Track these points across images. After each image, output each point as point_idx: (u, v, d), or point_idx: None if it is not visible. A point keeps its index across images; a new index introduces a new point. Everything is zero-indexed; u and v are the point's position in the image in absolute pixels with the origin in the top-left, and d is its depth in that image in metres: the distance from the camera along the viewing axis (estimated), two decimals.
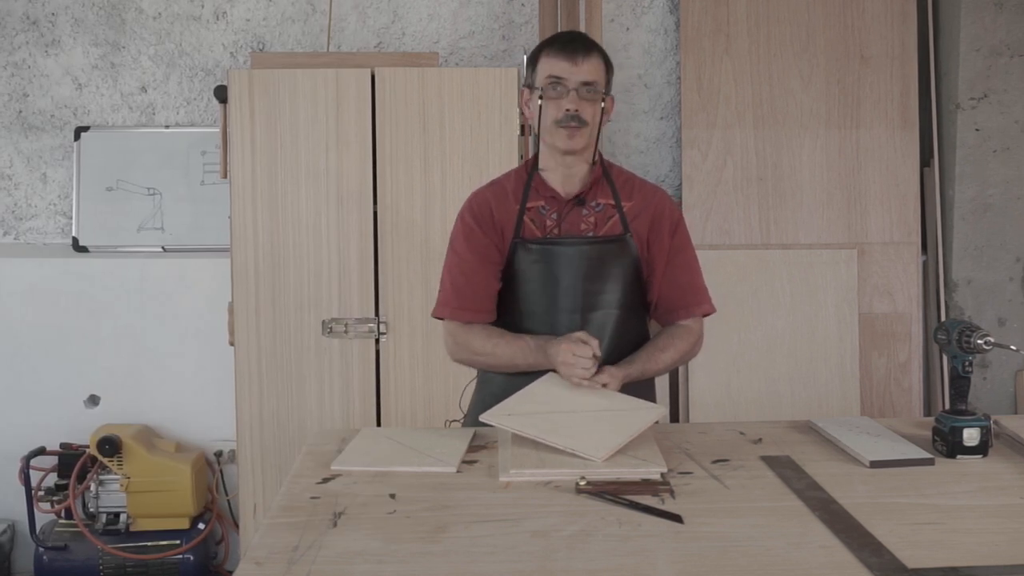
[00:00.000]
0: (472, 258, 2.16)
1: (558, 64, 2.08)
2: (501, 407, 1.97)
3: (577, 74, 2.07)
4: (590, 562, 1.39)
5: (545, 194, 2.17)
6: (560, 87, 2.07)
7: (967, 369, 1.91)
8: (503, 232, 2.17)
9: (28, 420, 3.68)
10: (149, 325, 3.72)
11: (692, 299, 2.22)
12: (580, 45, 2.10)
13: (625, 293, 2.17)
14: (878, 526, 1.50)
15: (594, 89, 2.09)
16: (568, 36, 2.16)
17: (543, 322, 2.16)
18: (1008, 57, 3.63)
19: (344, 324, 3.24)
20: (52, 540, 3.46)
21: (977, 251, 3.68)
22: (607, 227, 2.16)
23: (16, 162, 3.78)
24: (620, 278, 2.16)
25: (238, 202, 3.22)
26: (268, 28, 3.77)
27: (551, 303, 2.15)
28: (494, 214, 2.17)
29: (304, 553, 1.43)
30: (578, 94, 2.07)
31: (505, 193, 2.20)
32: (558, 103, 2.08)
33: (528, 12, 3.79)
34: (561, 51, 2.09)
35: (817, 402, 3.55)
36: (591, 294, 2.15)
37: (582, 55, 2.07)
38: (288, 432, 3.24)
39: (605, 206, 2.17)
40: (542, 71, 2.11)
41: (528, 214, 2.16)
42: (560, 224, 2.16)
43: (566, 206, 2.16)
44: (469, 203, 2.22)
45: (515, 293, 2.19)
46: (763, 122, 3.66)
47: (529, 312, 2.17)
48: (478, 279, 2.17)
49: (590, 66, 2.08)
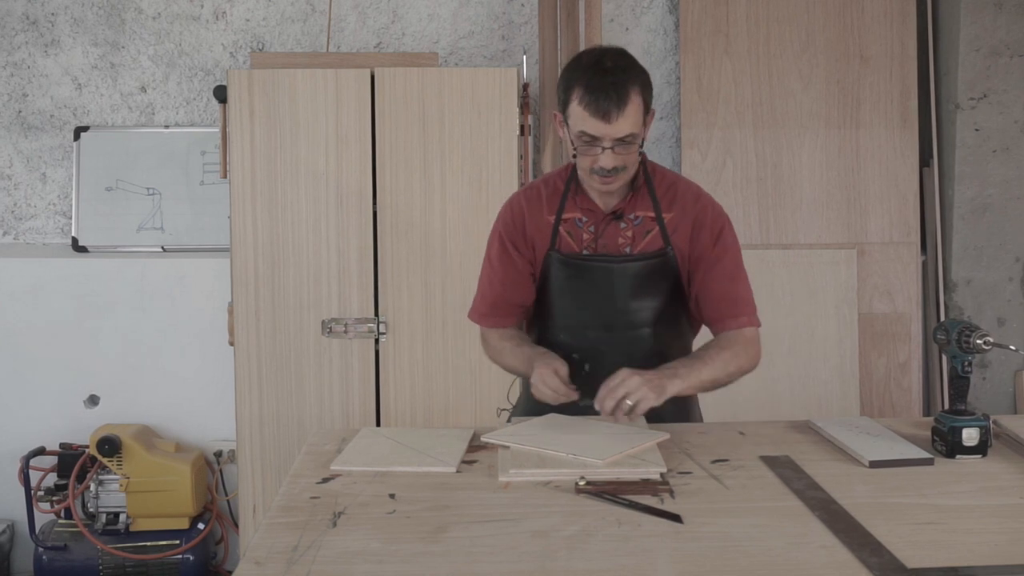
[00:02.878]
0: (501, 270, 2.16)
1: (591, 122, 1.92)
2: (504, 430, 1.99)
3: (612, 132, 1.92)
4: (590, 562, 1.39)
5: (583, 205, 2.10)
6: (594, 145, 1.95)
7: (966, 369, 1.91)
8: (535, 245, 2.13)
9: (28, 420, 3.68)
10: (149, 325, 3.72)
11: (733, 309, 2.09)
12: (614, 99, 1.89)
13: (663, 310, 2.11)
14: (878, 526, 1.50)
15: (630, 141, 1.95)
16: (599, 83, 1.91)
17: (575, 335, 2.13)
18: (1008, 57, 3.63)
19: (344, 324, 3.24)
20: (52, 540, 3.46)
21: (976, 251, 3.68)
22: (646, 241, 2.09)
23: (16, 162, 3.78)
24: (659, 294, 2.09)
25: (238, 202, 3.22)
26: (268, 28, 3.77)
27: (584, 319, 2.12)
28: (526, 226, 2.13)
29: (304, 553, 1.42)
30: (612, 150, 1.94)
31: (540, 202, 2.13)
32: (593, 158, 1.96)
33: (528, 12, 3.79)
34: (594, 107, 1.90)
35: (817, 402, 3.55)
36: (626, 312, 2.09)
37: (615, 112, 1.89)
38: (288, 432, 3.25)
39: (644, 219, 2.08)
40: (574, 121, 1.95)
41: (564, 226, 2.11)
42: (597, 240, 2.09)
43: (603, 220, 2.09)
44: (505, 210, 2.18)
45: (548, 305, 2.16)
46: (763, 122, 3.67)
47: (563, 325, 2.15)
48: (505, 291, 2.17)
49: (625, 121, 1.91)
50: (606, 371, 1.96)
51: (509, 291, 2.17)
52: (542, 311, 2.18)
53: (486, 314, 2.21)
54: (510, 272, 2.15)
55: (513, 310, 2.19)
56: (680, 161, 3.71)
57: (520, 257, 2.14)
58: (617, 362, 1.97)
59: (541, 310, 2.19)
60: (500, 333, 2.19)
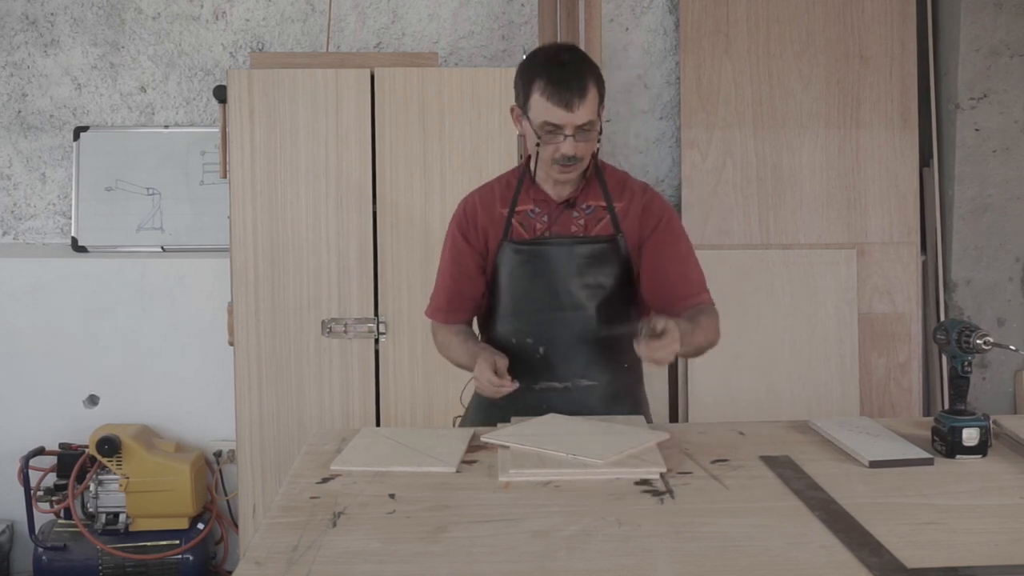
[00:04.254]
0: (453, 265, 2.25)
1: (554, 111, 2.01)
2: (504, 430, 2.00)
3: (574, 119, 2.01)
4: (590, 562, 1.39)
5: (536, 197, 2.18)
6: (556, 134, 2.03)
7: (966, 369, 1.91)
8: (487, 238, 2.20)
9: (27, 420, 3.68)
10: (148, 325, 3.72)
11: (687, 289, 2.16)
12: (575, 88, 2.00)
13: (613, 293, 2.17)
14: (878, 526, 1.50)
15: (590, 128, 2.04)
16: (559, 75, 2.02)
17: (527, 320, 2.18)
18: (1008, 57, 3.63)
19: (344, 324, 3.24)
20: (51, 540, 3.46)
21: (976, 251, 3.68)
22: (598, 228, 2.16)
23: (15, 162, 3.78)
24: (608, 277, 2.16)
25: (237, 202, 3.22)
26: (267, 28, 3.77)
27: (535, 302, 2.17)
28: (479, 220, 2.21)
29: (304, 553, 1.42)
30: (574, 138, 2.02)
31: (493, 197, 2.22)
32: (555, 146, 2.04)
33: (528, 12, 3.79)
34: (556, 96, 2.00)
35: (817, 402, 3.55)
36: (578, 293, 2.15)
37: (577, 99, 1.99)
38: (288, 432, 3.25)
39: (596, 208, 2.17)
40: (536, 113, 2.04)
41: (517, 217, 2.18)
42: (550, 227, 2.16)
43: (556, 209, 2.17)
44: (459, 208, 2.26)
45: (500, 293, 2.21)
46: (763, 122, 3.67)
47: (516, 310, 2.20)
48: (457, 285, 2.25)
49: (585, 108, 2.01)
50: (559, 353, 2.14)
51: (461, 284, 2.24)
52: (494, 302, 2.24)
53: (442, 308, 2.28)
54: (461, 266, 2.23)
55: (466, 304, 2.26)
56: (680, 161, 3.71)
57: (471, 250, 2.21)
58: (569, 343, 2.14)
59: (494, 301, 2.24)
60: (448, 328, 2.27)
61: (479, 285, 2.24)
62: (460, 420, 2.37)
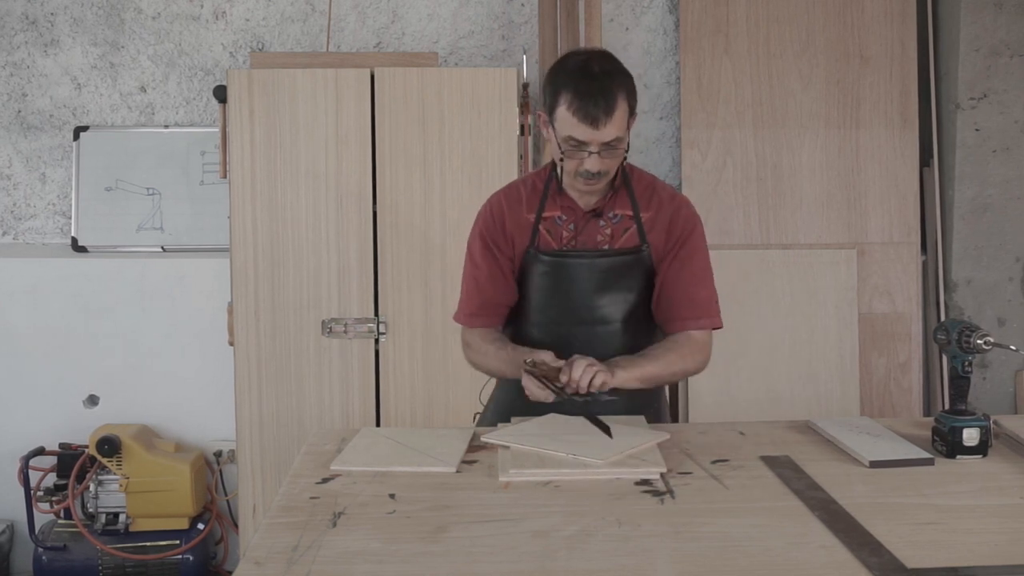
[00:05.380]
0: (486, 269, 2.18)
1: (579, 128, 1.94)
2: (504, 430, 2.00)
3: (600, 137, 1.94)
4: (590, 562, 1.39)
5: (563, 204, 2.13)
6: (581, 150, 1.97)
7: (967, 369, 1.91)
8: (514, 243, 2.16)
9: (27, 420, 3.68)
10: (148, 325, 3.72)
11: (689, 311, 2.12)
12: (603, 104, 1.92)
13: (636, 306, 2.14)
14: (878, 526, 1.50)
15: (616, 145, 1.98)
16: (587, 88, 1.93)
17: (549, 332, 2.15)
18: (1008, 57, 3.63)
19: (344, 324, 3.24)
20: (51, 540, 3.45)
21: (977, 251, 3.68)
22: (624, 239, 2.12)
23: (15, 162, 3.78)
24: (632, 291, 2.13)
25: (237, 202, 3.22)
26: (267, 28, 3.77)
27: (557, 314, 2.15)
28: (506, 225, 2.16)
29: (304, 553, 1.42)
30: (599, 155, 1.97)
31: (520, 200, 2.16)
32: (579, 161, 1.99)
33: (528, 12, 3.79)
34: (582, 112, 1.92)
35: (817, 402, 3.55)
36: (601, 307, 2.12)
37: (604, 116, 1.92)
38: (288, 432, 3.25)
39: (623, 217, 2.12)
40: (561, 126, 1.97)
41: (544, 224, 2.13)
42: (576, 237, 2.12)
43: (583, 218, 2.12)
44: (485, 210, 2.20)
45: (526, 302, 2.18)
46: (763, 122, 3.66)
47: (536, 321, 2.17)
48: (488, 289, 2.18)
49: (613, 126, 1.94)
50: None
51: (495, 290, 2.18)
52: (517, 309, 2.20)
53: (474, 314, 2.21)
54: (494, 271, 2.17)
55: (499, 310, 2.21)
56: (680, 161, 3.71)
57: (501, 255, 2.17)
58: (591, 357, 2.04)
59: (516, 308, 2.20)
60: (483, 335, 2.19)
61: (512, 290, 2.18)
62: (479, 417, 2.35)
